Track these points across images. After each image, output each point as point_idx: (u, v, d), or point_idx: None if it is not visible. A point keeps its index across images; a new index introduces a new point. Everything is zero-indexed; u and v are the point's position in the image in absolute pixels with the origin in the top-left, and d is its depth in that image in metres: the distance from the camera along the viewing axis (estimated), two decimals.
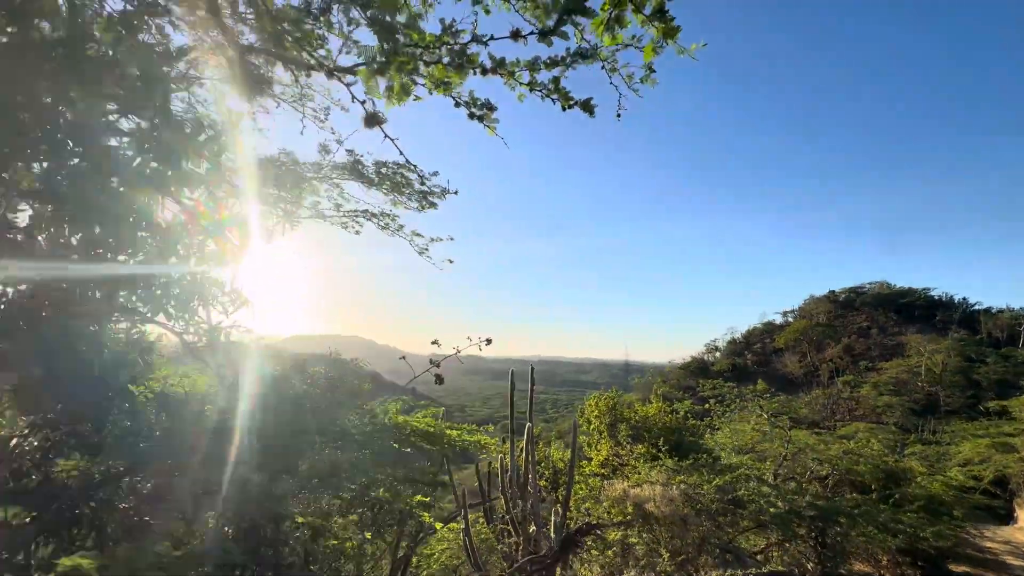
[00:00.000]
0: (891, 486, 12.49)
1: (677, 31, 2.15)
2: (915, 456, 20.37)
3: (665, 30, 2.16)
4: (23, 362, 3.02)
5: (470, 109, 2.70)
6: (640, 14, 2.17)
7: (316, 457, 3.95)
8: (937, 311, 68.61)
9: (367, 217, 6.02)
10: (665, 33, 2.17)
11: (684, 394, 34.85)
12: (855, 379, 51.21)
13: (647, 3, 2.12)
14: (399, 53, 2.09)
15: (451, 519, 9.53)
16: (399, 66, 2.19)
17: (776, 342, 76.43)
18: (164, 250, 2.29)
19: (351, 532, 4.96)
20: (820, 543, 9.25)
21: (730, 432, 15.58)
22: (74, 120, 1.81)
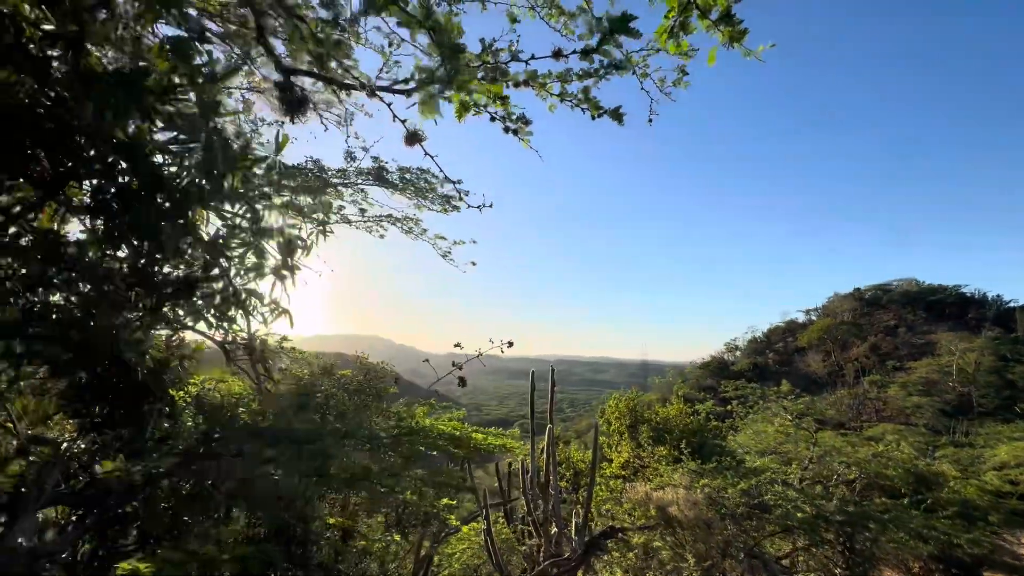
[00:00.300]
0: (922, 491, 12.13)
1: (744, 34, 2.11)
2: (947, 459, 19.73)
3: (732, 34, 2.13)
4: (73, 369, 3.16)
5: (505, 123, 2.73)
6: (706, 19, 2.14)
7: (346, 460, 4.03)
8: (969, 309, 66.22)
9: (391, 221, 6.11)
10: (732, 37, 2.14)
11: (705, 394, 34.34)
12: (882, 379, 49.76)
13: (714, 8, 2.08)
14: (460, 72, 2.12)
15: (472, 519, 9.60)
16: (460, 85, 2.22)
17: (799, 341, 74.75)
18: (207, 262, 2.38)
19: (379, 533, 5.04)
20: (848, 549, 9.04)
21: (752, 434, 15.33)
22: (126, 140, 1.89)
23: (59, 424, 3.83)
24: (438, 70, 2.09)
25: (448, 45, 2.01)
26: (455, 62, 2.04)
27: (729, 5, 2.08)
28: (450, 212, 5.99)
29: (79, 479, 3.55)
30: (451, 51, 2.03)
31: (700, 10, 2.11)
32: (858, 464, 11.41)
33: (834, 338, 68.80)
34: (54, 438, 3.46)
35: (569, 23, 3.53)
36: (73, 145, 1.92)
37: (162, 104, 1.66)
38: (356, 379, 5.25)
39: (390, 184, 5.55)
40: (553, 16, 3.51)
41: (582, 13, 3.38)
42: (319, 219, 2.81)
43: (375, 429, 4.29)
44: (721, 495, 8.01)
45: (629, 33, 2.32)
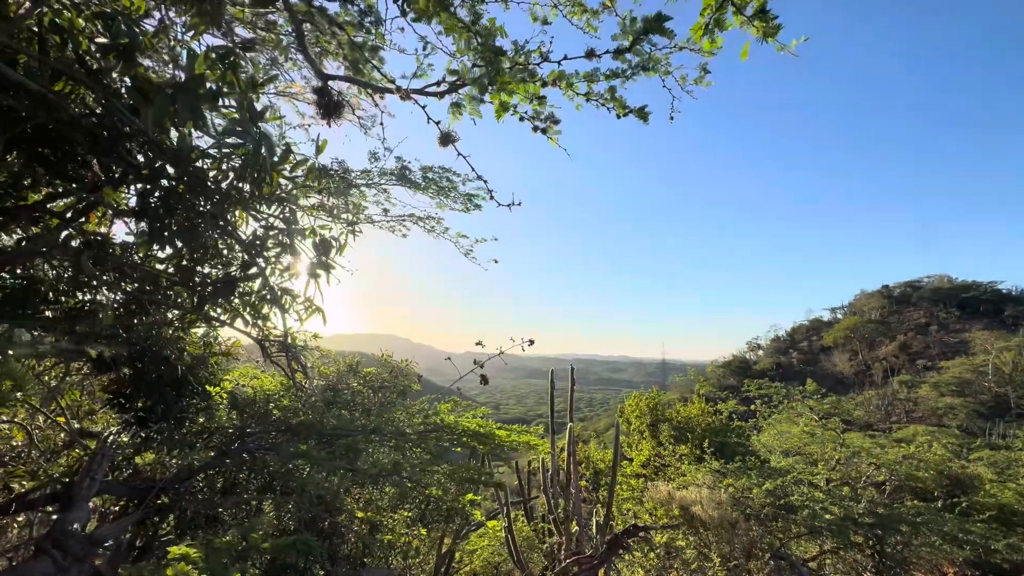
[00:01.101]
0: (957, 494, 11.72)
1: (778, 29, 2.09)
2: (982, 462, 19.02)
3: (766, 29, 2.12)
4: (117, 365, 3.31)
5: (534, 123, 2.76)
6: (740, 16, 2.13)
7: (375, 455, 4.11)
8: (1006, 306, 63.56)
9: (413, 221, 6.19)
10: (765, 32, 2.13)
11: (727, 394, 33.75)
12: (912, 379, 48.17)
13: (748, 4, 2.08)
14: (502, 74, 2.16)
15: (493, 516, 9.67)
16: (501, 86, 2.26)
17: (824, 340, 72.91)
18: (245, 262, 2.47)
19: (404, 527, 5.13)
20: (878, 552, 8.80)
21: (776, 434, 15.02)
22: (172, 146, 1.98)
23: (103, 418, 4.02)
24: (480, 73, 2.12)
25: (491, 48, 2.05)
26: (498, 64, 2.07)
27: (764, 1, 2.06)
28: (471, 211, 6.04)
29: (122, 470, 3.72)
30: (494, 54, 2.06)
31: (736, 6, 2.10)
32: (888, 466, 11.09)
33: (861, 337, 66.87)
34: (99, 431, 3.63)
35: (592, 20, 3.54)
36: (123, 152, 2.02)
37: (214, 111, 1.73)
38: (381, 376, 5.35)
39: (413, 183, 5.63)
40: (576, 13, 3.52)
41: (605, 10, 3.39)
42: (349, 219, 2.88)
43: (400, 425, 4.37)
44: (746, 495, 7.90)
45: (663, 33, 2.32)
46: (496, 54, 2.05)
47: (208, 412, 3.83)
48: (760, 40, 2.13)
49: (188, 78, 1.56)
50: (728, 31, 2.22)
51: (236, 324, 2.88)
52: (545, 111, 2.73)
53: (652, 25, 2.28)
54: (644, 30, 2.32)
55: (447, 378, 15.47)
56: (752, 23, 2.12)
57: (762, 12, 2.07)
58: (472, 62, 2.20)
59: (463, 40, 2.15)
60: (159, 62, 2.23)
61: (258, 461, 3.78)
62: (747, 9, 2.10)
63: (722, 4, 2.09)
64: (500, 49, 2.08)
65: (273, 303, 2.49)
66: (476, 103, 2.36)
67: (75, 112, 1.92)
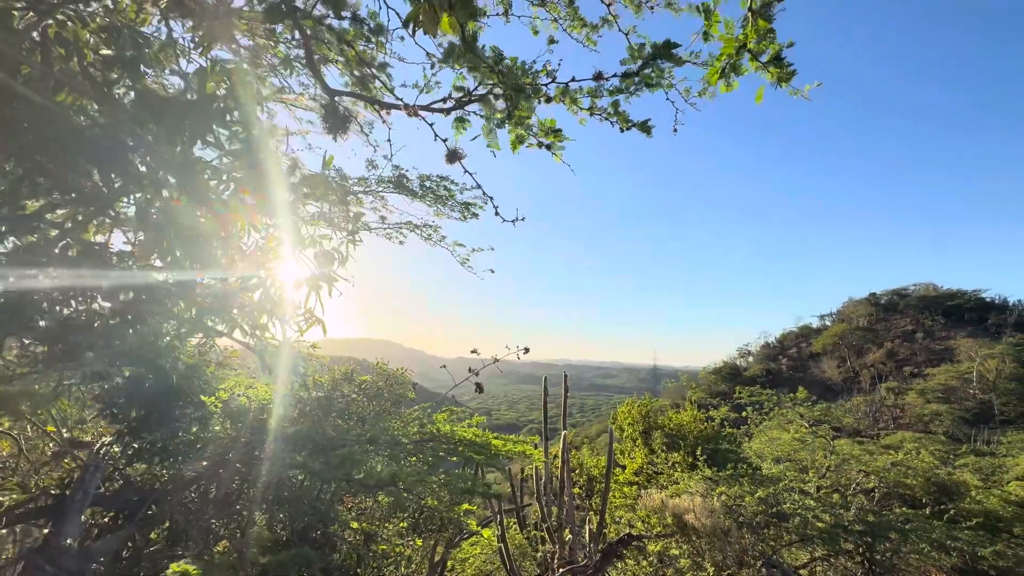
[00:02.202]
0: (944, 500, 11.88)
1: (793, 75, 2.16)
2: (967, 468, 19.31)
3: (780, 75, 2.19)
4: (110, 372, 3.26)
5: (538, 139, 2.79)
6: (756, 61, 2.20)
7: (372, 465, 4.09)
8: (990, 314, 64.75)
9: (410, 228, 6.19)
10: (780, 78, 2.20)
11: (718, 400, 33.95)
12: (899, 386, 48.85)
13: (764, 51, 2.14)
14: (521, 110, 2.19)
15: (486, 524, 9.63)
16: (519, 121, 2.29)
17: (813, 346, 73.69)
18: (246, 273, 2.46)
19: (398, 537, 5.09)
20: (868, 559, 8.89)
21: (767, 440, 15.12)
22: (174, 158, 1.97)
23: (93, 428, 3.95)
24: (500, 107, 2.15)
25: (512, 85, 2.08)
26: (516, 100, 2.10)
27: (780, 48, 2.12)
28: (468, 219, 6.06)
29: (114, 482, 3.66)
30: (514, 91, 2.09)
31: (752, 53, 2.16)
32: (877, 473, 11.22)
33: (849, 344, 67.71)
34: (90, 441, 3.58)
35: (591, 35, 3.59)
36: (125, 162, 2.01)
37: (223, 127, 1.74)
38: (376, 385, 5.33)
39: (410, 192, 5.64)
40: (576, 28, 3.57)
41: (605, 24, 3.44)
42: (350, 228, 2.88)
43: (396, 434, 4.36)
44: (738, 503, 7.94)
45: (672, 60, 2.37)
46: (516, 91, 2.08)
47: (202, 422, 3.79)
48: (775, 85, 2.20)
49: (200, 97, 1.56)
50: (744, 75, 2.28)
51: (234, 334, 2.86)
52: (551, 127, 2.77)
53: (661, 51, 2.33)
54: (653, 56, 2.37)
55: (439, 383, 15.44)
56: (767, 69, 2.19)
57: (777, 59, 2.13)
58: (491, 93, 2.24)
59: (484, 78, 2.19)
60: (163, 74, 2.23)
61: (252, 471, 3.74)
62: (763, 56, 2.16)
63: (739, 51, 2.15)
64: (520, 86, 2.11)
65: (273, 314, 2.48)
66: (493, 135, 2.39)
67: (78, 123, 1.92)
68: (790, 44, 2.15)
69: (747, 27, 2.07)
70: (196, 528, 3.78)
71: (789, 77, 2.18)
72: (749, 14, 2.03)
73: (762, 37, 2.09)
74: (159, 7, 1.92)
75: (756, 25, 2.01)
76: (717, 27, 2.16)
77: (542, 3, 3.16)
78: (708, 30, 2.18)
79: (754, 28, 2.03)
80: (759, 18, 1.99)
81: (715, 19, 2.15)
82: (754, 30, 2.05)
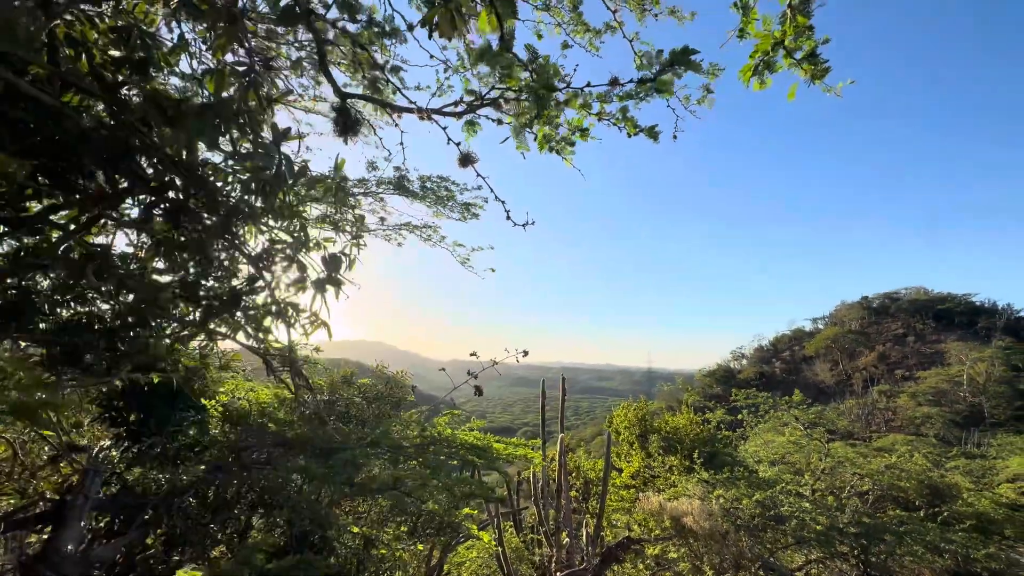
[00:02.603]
0: (937, 503, 11.99)
1: (827, 72, 2.14)
2: (958, 470, 19.48)
3: (814, 72, 2.17)
4: (109, 375, 3.22)
5: (567, 136, 2.80)
6: (790, 58, 2.19)
7: (373, 469, 4.07)
8: (979, 318, 65.52)
9: (410, 229, 6.19)
10: (814, 75, 2.19)
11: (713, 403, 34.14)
12: (891, 389, 49.30)
13: (799, 48, 2.13)
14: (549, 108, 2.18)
15: (483, 527, 9.59)
16: (548, 119, 2.29)
17: (806, 350, 74.23)
18: (251, 277, 2.44)
19: (397, 542, 5.06)
20: (863, 561, 8.94)
21: (762, 443, 15.21)
22: (182, 160, 1.96)
23: (90, 431, 3.90)
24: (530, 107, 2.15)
25: (543, 84, 2.08)
26: (547, 100, 2.10)
27: (816, 44, 2.12)
28: (469, 219, 6.07)
29: (111, 486, 3.61)
30: (546, 90, 2.09)
31: (787, 50, 2.15)
32: (871, 475, 11.31)
33: (841, 347, 68.27)
34: (87, 445, 3.53)
35: (594, 40, 3.61)
36: (132, 164, 1.99)
37: (238, 130, 1.73)
38: (376, 388, 5.30)
39: (411, 193, 5.63)
40: (579, 32, 3.59)
41: (608, 30, 3.46)
42: (354, 231, 2.87)
43: (397, 438, 4.34)
44: (736, 506, 7.97)
45: (691, 66, 2.38)
46: (548, 90, 2.08)
47: (202, 425, 3.75)
48: (808, 82, 2.19)
49: (216, 101, 1.55)
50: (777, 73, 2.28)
51: (238, 337, 2.83)
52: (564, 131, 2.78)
53: (679, 58, 2.33)
54: (671, 62, 2.38)
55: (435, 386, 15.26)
56: (801, 66, 2.18)
57: (812, 56, 2.13)
58: (502, 97, 2.24)
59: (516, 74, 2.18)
60: (171, 76, 2.22)
61: (253, 475, 3.71)
62: (798, 53, 2.15)
63: (775, 47, 2.14)
64: (551, 85, 2.12)
65: (278, 317, 2.46)
66: (522, 136, 2.39)
67: (85, 124, 1.90)
68: (826, 40, 2.14)
69: (786, 23, 2.05)
70: (194, 533, 3.74)
71: (823, 74, 2.16)
72: (788, 10, 2.01)
73: (799, 34, 2.08)
74: (169, 7, 1.91)
75: (796, 21, 2.00)
76: (755, 24, 2.14)
77: (547, 8, 3.18)
78: (745, 27, 2.16)
79: (792, 25, 2.02)
80: (798, 14, 1.98)
81: (753, 16, 2.13)
82: (792, 27, 2.03)
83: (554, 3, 3.02)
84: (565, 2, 3.00)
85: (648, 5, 2.75)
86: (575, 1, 2.96)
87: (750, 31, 2.20)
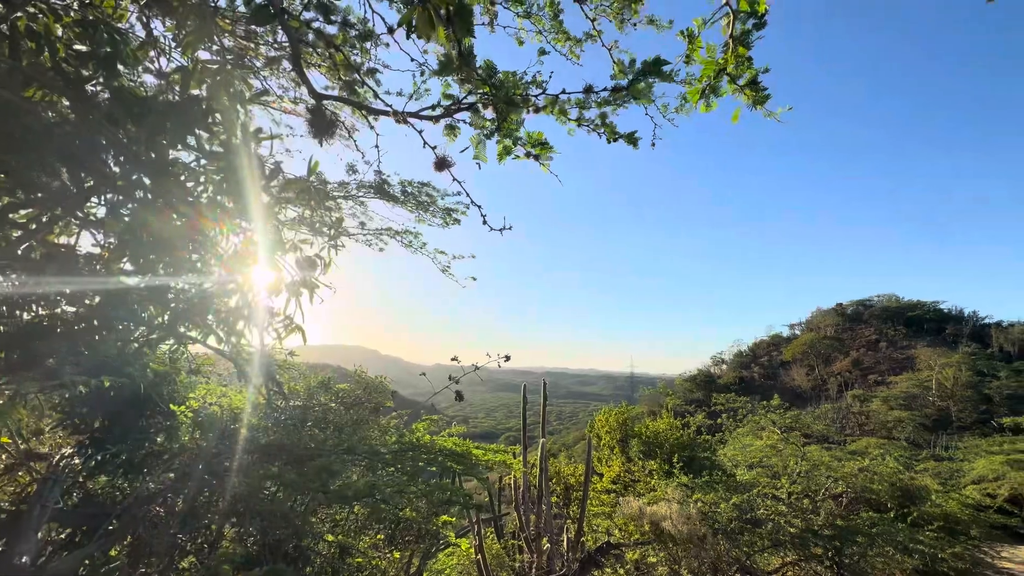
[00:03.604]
0: (907, 505, 12.32)
1: (767, 98, 2.30)
2: (927, 473, 20.07)
3: (755, 98, 2.32)
4: (72, 380, 3.10)
5: (526, 148, 2.81)
6: (734, 84, 2.30)
7: (349, 475, 3.99)
8: (947, 324, 67.89)
9: (391, 235, 6.13)
10: (755, 101, 2.34)
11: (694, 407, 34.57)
12: (864, 393, 50.63)
13: (742, 75, 2.24)
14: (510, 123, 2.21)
15: (463, 534, 9.51)
16: (507, 133, 2.31)
17: (783, 355, 75.81)
18: (222, 279, 2.38)
19: (374, 550, 4.98)
20: (836, 563, 9.13)
21: (740, 447, 15.44)
22: (152, 158, 1.91)
23: (51, 438, 3.74)
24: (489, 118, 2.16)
25: (503, 99, 2.10)
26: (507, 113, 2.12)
27: (756, 73, 2.26)
28: (450, 225, 6.04)
29: (72, 495, 3.47)
30: (506, 104, 2.11)
31: (730, 76, 2.28)
32: (845, 478, 11.57)
33: (817, 352, 69.92)
34: (48, 453, 3.39)
35: (575, 48, 3.65)
36: (97, 162, 1.93)
37: (205, 129, 1.69)
38: (355, 393, 5.22)
39: (391, 197, 5.59)
40: (560, 40, 3.63)
41: (588, 39, 3.51)
42: (332, 233, 2.83)
43: (375, 444, 4.27)
44: (714, 510, 8.06)
45: (661, 76, 2.44)
46: (508, 104, 2.11)
47: (170, 432, 3.63)
48: (751, 107, 2.34)
49: (183, 99, 1.52)
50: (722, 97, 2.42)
51: (209, 341, 2.76)
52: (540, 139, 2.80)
53: (651, 68, 2.40)
54: (643, 72, 2.44)
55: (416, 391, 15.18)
56: (743, 91, 2.32)
57: (753, 83, 2.28)
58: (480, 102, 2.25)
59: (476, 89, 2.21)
60: (138, 73, 2.15)
61: (224, 483, 3.60)
62: (740, 79, 2.29)
63: (719, 74, 2.27)
64: (512, 100, 2.15)
65: (251, 320, 2.41)
66: (482, 146, 2.42)
67: (47, 120, 1.84)
68: (765, 70, 2.29)
69: (727, 53, 2.19)
70: (161, 544, 3.62)
71: (764, 100, 2.32)
72: (730, 40, 2.14)
73: (740, 63, 2.22)
74: (138, 3, 1.86)
75: (736, 52, 2.13)
76: (699, 52, 2.29)
77: (527, 15, 3.21)
78: (691, 54, 2.30)
79: (734, 54, 2.16)
80: (739, 45, 2.11)
81: (698, 44, 2.27)
82: (733, 56, 2.17)
83: (535, 11, 3.05)
84: (546, 10, 3.04)
85: (627, 15, 2.81)
86: (556, 10, 3.01)
87: (696, 58, 2.34)
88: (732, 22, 2.09)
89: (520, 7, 2.94)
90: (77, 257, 2.57)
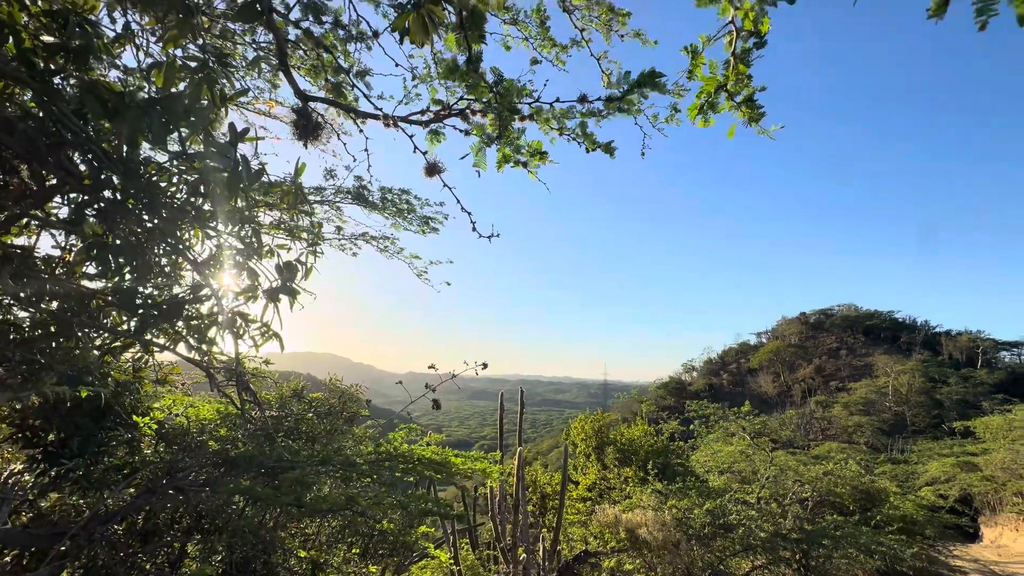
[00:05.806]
0: (869, 507, 12.81)
1: (762, 116, 2.37)
2: (886, 475, 20.95)
3: (751, 115, 2.39)
4: (24, 390, 2.91)
5: (526, 156, 2.81)
6: (731, 101, 2.36)
7: (324, 488, 3.86)
8: (902, 333, 71.32)
9: (367, 240, 6.03)
10: (751, 118, 2.41)
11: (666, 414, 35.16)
12: (827, 399, 52.58)
13: (740, 92, 2.30)
14: (511, 131, 2.19)
15: (438, 545, 9.32)
16: (508, 140, 2.29)
17: (751, 362, 78.04)
18: (195, 284, 2.28)
19: (348, 565, 4.82)
20: (804, 565, 9.39)
21: (711, 453, 15.77)
22: (122, 156, 1.82)
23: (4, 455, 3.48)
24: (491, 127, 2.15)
25: (507, 106, 2.09)
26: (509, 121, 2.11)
27: (754, 91, 2.32)
28: (428, 233, 5.98)
29: (22, 515, 3.23)
30: (509, 111, 2.10)
31: (728, 93, 2.34)
32: (810, 482, 11.94)
33: (783, 360, 72.29)
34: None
35: (560, 55, 3.69)
36: (63, 159, 1.82)
37: (187, 127, 1.61)
38: (329, 402, 5.07)
39: (369, 204, 5.50)
40: (546, 47, 3.66)
41: (574, 46, 3.56)
42: (311, 239, 2.76)
43: (350, 455, 4.15)
44: (687, 516, 8.17)
45: (657, 88, 2.49)
46: (511, 111, 2.11)
47: (132, 445, 3.43)
48: (745, 124, 2.42)
49: (164, 96, 1.45)
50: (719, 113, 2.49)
51: (179, 349, 2.63)
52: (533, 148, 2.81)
53: (647, 80, 2.44)
54: (638, 83, 2.48)
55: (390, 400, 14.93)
56: (740, 108, 2.39)
57: (750, 100, 2.35)
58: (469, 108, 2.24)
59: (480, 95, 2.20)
60: (113, 68, 2.05)
61: (190, 498, 3.42)
62: (737, 97, 2.36)
63: (718, 90, 2.33)
64: (514, 107, 2.15)
65: (225, 328, 2.31)
66: (483, 155, 2.40)
67: (9, 113, 1.72)
68: (762, 88, 2.37)
69: (728, 70, 2.26)
70: (119, 565, 3.40)
71: (759, 118, 2.40)
72: (732, 58, 2.21)
73: (740, 80, 2.28)
74: None
75: (737, 69, 2.20)
76: (701, 69, 2.35)
77: (514, 22, 3.23)
78: (694, 70, 2.36)
79: (734, 71, 2.22)
80: (740, 63, 2.17)
81: (700, 60, 2.33)
82: (734, 73, 2.23)
83: (521, 18, 3.07)
84: (533, 17, 3.06)
85: (615, 26, 2.87)
86: (542, 17, 3.04)
87: (698, 74, 2.41)
88: (735, 40, 2.15)
89: (507, 14, 2.96)
90: (35, 259, 2.42)
